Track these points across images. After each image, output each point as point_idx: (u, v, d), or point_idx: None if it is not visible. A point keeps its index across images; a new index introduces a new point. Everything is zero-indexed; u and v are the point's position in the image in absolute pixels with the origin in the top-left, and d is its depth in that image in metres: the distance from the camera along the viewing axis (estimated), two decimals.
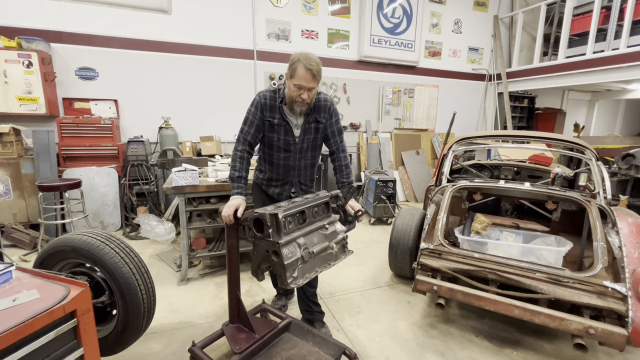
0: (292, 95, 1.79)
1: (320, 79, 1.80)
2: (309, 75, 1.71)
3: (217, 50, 4.96)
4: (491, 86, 7.08)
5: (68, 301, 0.90)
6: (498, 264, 2.08)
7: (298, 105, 1.82)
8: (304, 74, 1.71)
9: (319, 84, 1.80)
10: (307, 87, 1.74)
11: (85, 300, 0.97)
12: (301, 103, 1.80)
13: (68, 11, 4.17)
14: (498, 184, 2.67)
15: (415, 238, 2.82)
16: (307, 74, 1.71)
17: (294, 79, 1.75)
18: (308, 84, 1.73)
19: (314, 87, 1.76)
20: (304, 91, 1.75)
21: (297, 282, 1.42)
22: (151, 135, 4.68)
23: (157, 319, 2.38)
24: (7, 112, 3.86)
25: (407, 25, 6.04)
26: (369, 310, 2.57)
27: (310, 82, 1.73)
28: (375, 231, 4.46)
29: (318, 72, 1.74)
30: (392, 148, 6.40)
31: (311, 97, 1.80)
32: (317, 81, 1.76)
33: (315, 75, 1.73)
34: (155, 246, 3.76)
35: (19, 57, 3.80)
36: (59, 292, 0.93)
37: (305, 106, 1.83)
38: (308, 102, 1.81)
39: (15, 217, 3.80)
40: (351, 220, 1.86)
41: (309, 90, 1.76)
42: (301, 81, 1.72)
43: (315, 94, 1.83)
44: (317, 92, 1.85)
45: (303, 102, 1.79)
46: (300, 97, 1.77)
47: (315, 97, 1.86)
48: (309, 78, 1.72)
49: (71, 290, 0.95)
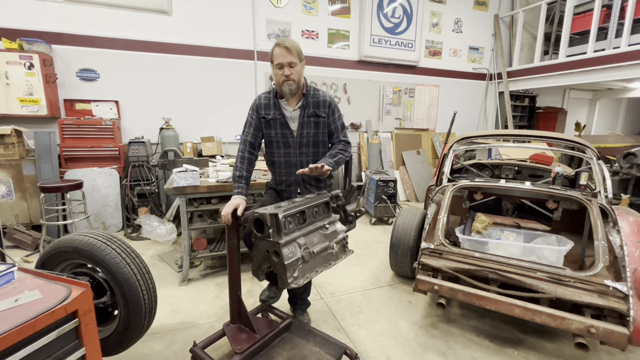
0: (278, 79, 1.85)
1: (299, 55, 1.84)
2: (282, 49, 1.78)
3: (218, 50, 4.97)
4: (492, 85, 7.07)
5: (69, 301, 0.91)
6: (499, 263, 2.07)
7: (286, 86, 1.84)
8: (278, 51, 1.80)
9: (299, 59, 1.84)
10: (285, 62, 1.79)
11: (87, 300, 0.97)
12: (287, 82, 1.83)
13: (69, 13, 4.19)
14: (499, 184, 2.66)
15: (416, 238, 2.82)
16: (281, 49, 1.79)
17: (274, 62, 1.83)
18: (285, 59, 1.79)
19: (292, 61, 1.80)
20: (285, 68, 1.80)
21: (297, 282, 1.43)
22: (152, 136, 4.69)
23: (159, 320, 2.39)
24: (9, 113, 3.88)
25: (407, 24, 6.03)
26: (370, 310, 2.57)
27: (287, 56, 1.78)
28: (376, 231, 4.46)
29: (292, 46, 1.80)
30: (392, 148, 6.39)
31: (296, 74, 1.82)
32: (293, 55, 1.80)
33: (288, 48, 1.78)
34: (156, 247, 3.77)
35: (21, 58, 3.82)
36: (61, 293, 0.94)
37: (293, 84, 1.84)
38: (294, 79, 1.82)
39: (17, 218, 3.82)
40: (351, 220, 1.86)
41: (290, 67, 1.80)
42: (279, 58, 1.79)
43: (299, 72, 1.84)
44: (301, 70, 1.86)
45: (288, 79, 1.82)
46: (283, 75, 1.81)
47: (301, 75, 1.88)
48: (283, 53, 1.78)
49: (73, 291, 0.96)
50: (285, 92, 1.88)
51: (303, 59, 1.91)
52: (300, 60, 1.86)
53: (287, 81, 1.83)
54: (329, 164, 1.80)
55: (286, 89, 1.85)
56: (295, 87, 1.87)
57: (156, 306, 1.76)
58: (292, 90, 1.87)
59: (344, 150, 2.01)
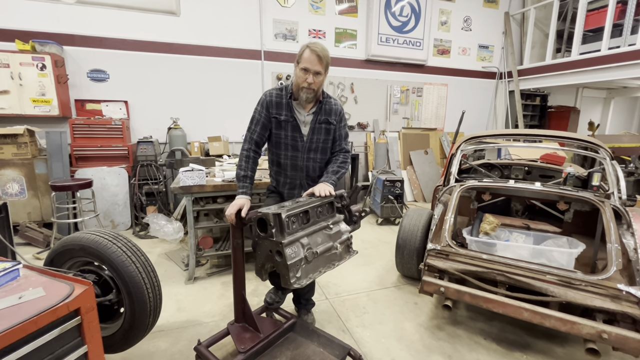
0: (299, 82, 1.80)
1: (327, 66, 1.80)
2: (314, 57, 1.73)
3: (225, 51, 5.00)
4: (502, 84, 6.96)
5: (72, 299, 0.91)
6: (507, 265, 2.03)
7: (304, 92, 1.81)
8: (309, 56, 1.74)
9: (325, 72, 1.80)
10: (312, 70, 1.74)
11: (89, 298, 0.98)
12: (307, 89, 1.80)
13: (80, 14, 4.26)
14: (507, 184, 2.61)
15: (422, 239, 2.79)
16: (312, 56, 1.73)
17: (300, 64, 1.78)
18: (313, 67, 1.74)
19: (319, 71, 1.76)
20: (309, 75, 1.75)
21: (300, 282, 1.42)
22: (160, 135, 4.75)
23: (165, 318, 2.41)
24: (22, 113, 3.96)
25: (415, 23, 5.97)
26: (375, 311, 2.55)
27: (316, 64, 1.74)
28: (382, 231, 4.42)
29: (324, 56, 1.75)
30: (400, 147, 6.34)
31: (317, 84, 1.80)
32: (322, 65, 1.76)
33: (320, 57, 1.74)
34: (163, 245, 3.81)
35: (33, 60, 3.90)
36: (64, 290, 0.95)
37: (311, 93, 1.81)
38: (314, 89, 1.80)
39: (30, 216, 3.90)
40: (356, 220, 1.84)
41: (315, 75, 1.76)
42: (306, 63, 1.74)
43: (321, 82, 1.82)
44: (323, 80, 1.83)
45: (309, 87, 1.78)
46: (306, 81, 1.77)
47: (322, 85, 1.86)
48: (314, 60, 1.73)
49: (75, 289, 0.97)
50: (301, 98, 1.86)
51: (329, 69, 1.86)
52: (326, 70, 1.82)
53: (307, 89, 1.80)
54: (332, 182, 1.85)
55: (304, 95, 1.83)
56: (312, 96, 1.85)
57: (161, 304, 1.78)
58: (309, 98, 1.85)
59: (345, 162, 2.02)
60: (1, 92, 3.86)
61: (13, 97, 3.90)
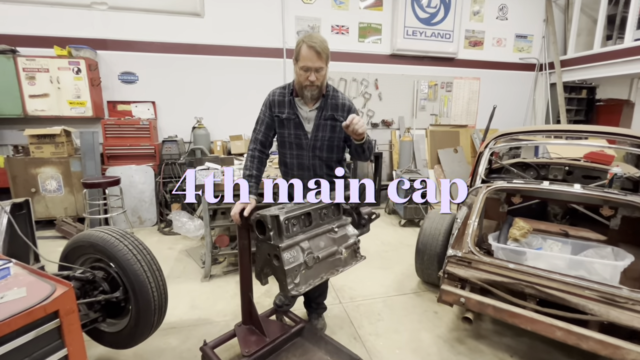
0: (300, 81, 1.72)
1: (327, 59, 1.69)
2: (313, 53, 1.63)
3: (247, 50, 5.02)
4: (542, 77, 6.41)
5: (50, 301, 0.91)
6: (538, 277, 1.82)
7: (308, 90, 1.73)
8: (307, 53, 1.63)
9: (327, 64, 1.70)
10: (313, 67, 1.65)
11: (69, 300, 0.97)
12: (310, 87, 1.71)
13: (112, 20, 4.47)
14: (541, 186, 2.35)
15: (444, 243, 2.61)
16: (311, 52, 1.63)
17: (299, 62, 1.68)
18: (314, 64, 1.64)
19: (320, 66, 1.66)
20: (310, 73, 1.66)
21: (298, 289, 1.34)
22: (185, 134, 4.87)
23: (178, 315, 2.44)
24: (60, 115, 4.23)
25: (444, 14, 5.65)
26: (390, 319, 2.41)
27: (316, 61, 1.64)
28: (405, 233, 4.23)
29: (323, 49, 1.64)
30: (427, 145, 6.06)
31: (320, 80, 1.70)
32: (323, 60, 1.66)
33: (319, 52, 1.63)
34: (185, 242, 3.90)
35: (70, 64, 4.14)
36: (45, 291, 0.95)
37: (315, 90, 1.73)
38: (318, 85, 1.71)
39: (66, 211, 4.16)
40: (365, 224, 1.73)
41: (316, 72, 1.66)
42: (306, 62, 1.64)
43: (324, 75, 1.72)
44: (325, 74, 1.73)
45: (312, 84, 1.69)
46: (308, 80, 1.68)
47: (325, 78, 1.75)
48: (313, 57, 1.63)
49: (56, 290, 0.96)
50: (305, 96, 1.78)
51: (329, 62, 1.76)
52: (327, 63, 1.73)
53: (310, 86, 1.72)
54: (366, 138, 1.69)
55: (308, 93, 1.76)
56: (317, 92, 1.77)
57: (166, 304, 1.78)
58: (313, 95, 1.78)
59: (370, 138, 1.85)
60: (42, 95, 4.14)
61: (52, 100, 4.17)
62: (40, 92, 4.13)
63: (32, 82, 4.09)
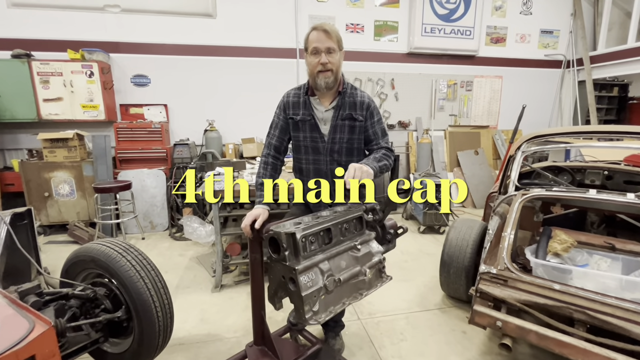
0: (312, 69, 1.57)
1: (339, 42, 1.57)
2: (320, 33, 1.52)
3: (260, 50, 4.90)
4: (569, 74, 6.05)
5: (23, 345, 0.76)
6: (589, 300, 1.59)
7: (322, 77, 1.56)
8: (315, 35, 1.53)
9: (339, 47, 1.57)
10: (322, 48, 1.52)
11: (48, 342, 0.82)
12: (324, 72, 1.55)
13: (125, 22, 4.43)
14: (587, 195, 2.10)
15: (472, 255, 2.39)
16: (319, 33, 1.52)
17: (308, 48, 1.57)
18: (323, 44, 1.52)
19: (331, 47, 1.53)
20: (321, 55, 1.52)
21: (318, 318, 1.16)
22: (197, 138, 4.79)
23: (187, 329, 2.31)
24: (73, 119, 4.21)
25: (464, 10, 5.40)
26: (414, 339, 2.21)
27: (325, 41, 1.51)
28: (425, 241, 4.00)
29: (332, 30, 1.53)
30: (446, 147, 5.80)
31: (334, 64, 1.55)
32: (332, 40, 1.53)
33: (327, 31, 1.52)
34: (196, 248, 3.79)
35: (83, 67, 4.11)
36: (20, 330, 0.80)
37: (330, 76, 1.56)
38: (332, 69, 1.55)
39: (79, 215, 4.12)
40: (390, 239, 1.54)
41: (327, 53, 1.53)
42: (314, 43, 1.53)
43: (338, 61, 1.57)
44: (340, 60, 1.59)
45: (325, 68, 1.54)
46: (320, 63, 1.53)
47: (340, 66, 1.60)
48: (321, 37, 1.52)
49: (34, 330, 0.82)
50: (320, 86, 1.60)
51: (343, 48, 1.62)
52: (340, 48, 1.59)
53: (323, 72, 1.55)
54: (373, 168, 1.49)
55: (322, 81, 1.58)
56: (332, 79, 1.59)
57: (172, 325, 1.64)
58: (328, 83, 1.59)
59: (388, 156, 1.66)
60: (56, 99, 4.12)
61: (65, 104, 4.15)
62: (54, 96, 4.11)
63: (46, 86, 4.07)
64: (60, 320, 1.35)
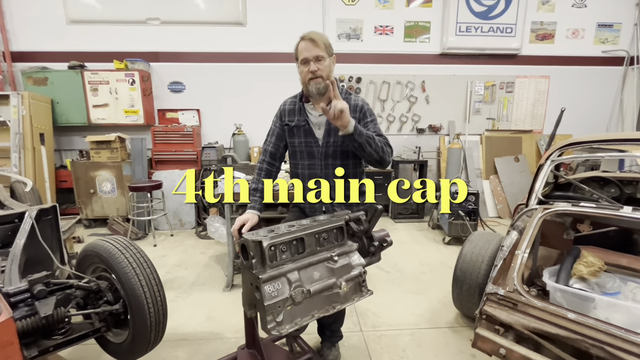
0: (304, 78, 1.62)
1: (327, 48, 1.59)
2: (307, 42, 1.56)
3: (288, 56, 4.96)
4: (632, 72, 5.34)
5: None
6: (609, 335, 1.37)
7: (313, 84, 1.59)
8: (303, 45, 1.58)
9: (327, 53, 1.59)
10: (310, 56, 1.55)
11: (7, 332, 0.91)
12: (314, 79, 1.58)
13: (163, 33, 4.78)
14: (618, 212, 1.82)
15: (487, 272, 2.19)
16: (306, 43, 1.57)
17: (298, 59, 1.61)
18: (310, 53, 1.55)
19: (319, 54, 1.55)
20: (311, 63, 1.56)
21: (280, 329, 1.14)
22: (226, 141, 5.00)
23: (193, 326, 2.41)
24: (117, 123, 4.63)
25: (505, 6, 5.02)
26: (416, 357, 2.08)
27: (312, 49, 1.55)
28: (448, 252, 3.77)
29: (319, 38, 1.56)
30: (482, 153, 5.42)
31: (323, 70, 1.57)
32: (319, 47, 1.56)
33: (313, 39, 1.55)
34: (217, 247, 3.95)
35: (126, 76, 4.51)
36: None
37: (321, 82, 1.58)
38: (322, 75, 1.57)
39: (118, 211, 4.52)
40: (374, 252, 1.47)
41: (316, 61, 1.56)
42: (303, 53, 1.57)
43: (327, 67, 1.59)
44: (330, 66, 1.60)
45: (314, 75, 1.57)
46: (309, 72, 1.57)
47: (330, 71, 1.62)
48: (308, 46, 1.56)
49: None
50: (312, 92, 1.62)
51: (333, 54, 1.64)
52: (329, 54, 1.60)
53: (313, 79, 1.58)
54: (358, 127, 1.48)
55: (313, 88, 1.60)
56: (323, 85, 1.59)
57: (165, 321, 1.71)
58: (319, 89, 1.60)
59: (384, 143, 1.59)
60: (103, 105, 4.57)
61: (111, 109, 4.59)
62: (102, 102, 4.56)
63: (95, 94, 4.53)
64: (61, 309, 1.48)
